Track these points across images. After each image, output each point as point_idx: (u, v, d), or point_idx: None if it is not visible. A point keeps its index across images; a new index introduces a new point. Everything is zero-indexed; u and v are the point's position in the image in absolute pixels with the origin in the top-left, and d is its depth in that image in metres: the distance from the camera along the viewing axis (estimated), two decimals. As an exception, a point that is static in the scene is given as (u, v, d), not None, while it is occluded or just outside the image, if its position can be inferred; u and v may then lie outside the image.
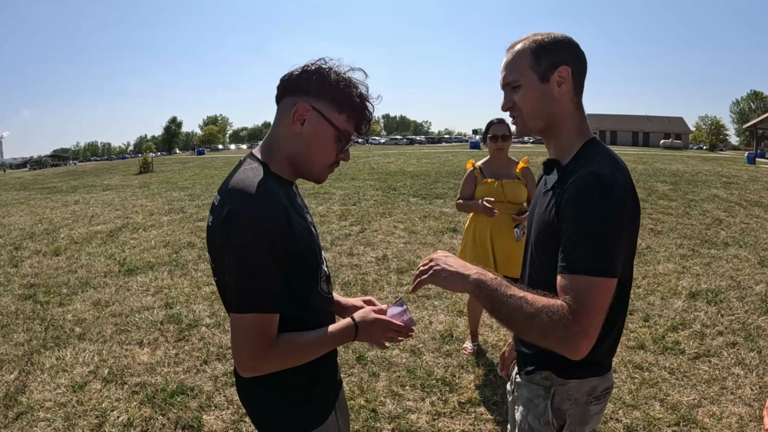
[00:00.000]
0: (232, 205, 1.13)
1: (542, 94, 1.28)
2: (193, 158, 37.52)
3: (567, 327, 1.06)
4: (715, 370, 3.47)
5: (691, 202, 10.13)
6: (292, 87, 1.25)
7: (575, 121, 1.32)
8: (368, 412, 3.06)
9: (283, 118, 1.26)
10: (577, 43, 1.33)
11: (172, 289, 5.40)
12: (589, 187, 1.13)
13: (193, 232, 8.28)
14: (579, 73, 1.30)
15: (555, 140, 1.34)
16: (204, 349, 3.93)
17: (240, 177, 1.19)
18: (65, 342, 4.16)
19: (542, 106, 1.29)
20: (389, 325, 1.33)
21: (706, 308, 4.57)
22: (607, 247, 1.10)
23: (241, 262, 1.10)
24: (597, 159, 1.22)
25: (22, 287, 5.71)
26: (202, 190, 13.71)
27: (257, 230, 1.10)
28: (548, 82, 1.27)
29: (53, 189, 17.58)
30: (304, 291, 1.26)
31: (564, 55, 1.28)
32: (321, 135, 1.25)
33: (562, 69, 1.27)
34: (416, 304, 4.74)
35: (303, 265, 1.23)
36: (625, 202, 1.14)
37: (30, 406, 3.21)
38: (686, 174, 15.78)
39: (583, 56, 1.32)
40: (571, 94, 1.30)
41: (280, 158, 1.27)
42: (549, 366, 1.32)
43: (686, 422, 2.89)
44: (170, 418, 3.04)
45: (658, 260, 6.12)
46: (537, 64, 1.27)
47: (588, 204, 1.12)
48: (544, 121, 1.32)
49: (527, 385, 1.39)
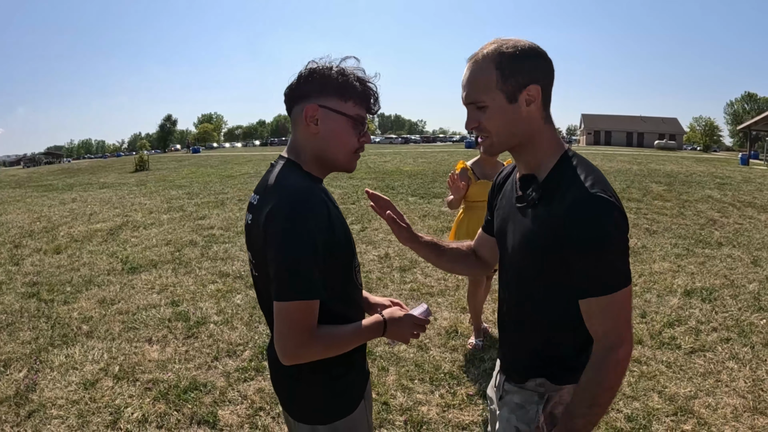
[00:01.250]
0: (275, 202, 1.22)
1: (511, 115, 1.23)
2: (188, 156, 37.40)
3: (617, 357, 1.17)
4: (710, 364, 3.60)
5: (685, 203, 10.28)
6: (295, 96, 1.34)
7: (547, 136, 1.28)
8: (380, 404, 3.15)
9: (298, 125, 1.35)
10: (544, 52, 1.25)
11: (177, 287, 5.46)
12: (596, 214, 1.14)
13: (195, 230, 8.33)
14: (547, 88, 1.25)
15: (526, 156, 1.30)
16: (214, 346, 4.00)
17: (278, 176, 1.29)
18: (73, 340, 4.21)
19: (511, 127, 1.24)
20: (414, 320, 1.44)
21: (701, 305, 4.70)
22: (625, 260, 1.17)
23: (286, 254, 1.19)
24: (582, 174, 1.20)
25: (25, 285, 5.75)
26: (200, 189, 13.74)
27: (300, 224, 1.19)
28: (517, 102, 1.22)
29: (49, 187, 17.54)
30: (341, 282, 1.35)
31: (533, 71, 1.21)
32: (336, 127, 1.33)
33: (531, 88, 1.21)
34: (419, 301, 4.83)
35: (340, 255, 1.32)
36: (624, 215, 1.17)
37: (42, 404, 3.24)
38: (680, 175, 15.95)
39: (551, 67, 1.26)
40: (541, 110, 1.25)
41: (308, 159, 1.36)
42: (544, 373, 1.33)
43: (683, 412, 3.01)
44: (185, 414, 3.10)
45: (653, 259, 6.25)
46: (504, 83, 1.20)
47: (601, 230, 1.13)
48: (514, 142, 1.27)
49: (519, 392, 1.38)
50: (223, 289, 5.34)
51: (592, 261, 1.15)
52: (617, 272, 1.15)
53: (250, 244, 1.35)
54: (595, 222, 1.13)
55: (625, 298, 1.16)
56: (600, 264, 1.14)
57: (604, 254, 1.14)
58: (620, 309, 1.17)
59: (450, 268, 1.76)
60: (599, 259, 1.14)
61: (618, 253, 1.15)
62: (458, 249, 1.70)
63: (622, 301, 1.16)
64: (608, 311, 1.16)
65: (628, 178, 14.68)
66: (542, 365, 1.33)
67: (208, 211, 10.02)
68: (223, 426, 2.99)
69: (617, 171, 16.78)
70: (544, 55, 1.24)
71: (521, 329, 1.38)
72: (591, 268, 1.15)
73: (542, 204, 1.24)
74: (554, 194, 1.21)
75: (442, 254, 1.67)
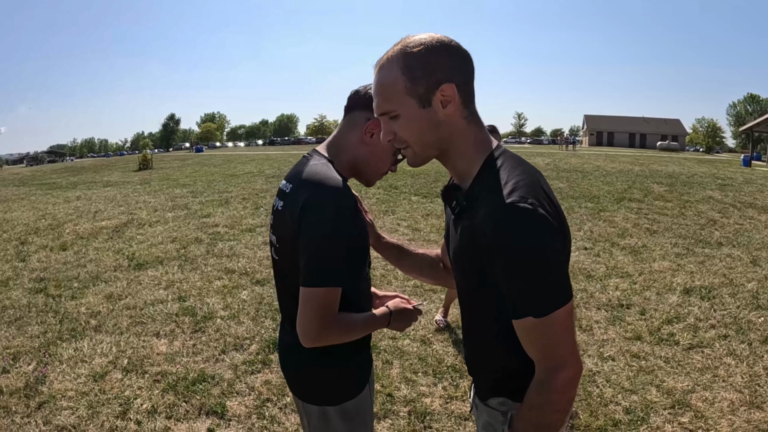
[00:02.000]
0: (313, 195, 1.30)
1: (427, 121, 1.11)
2: (191, 155, 37.54)
3: (557, 382, 1.05)
4: (708, 359, 3.66)
5: (686, 203, 10.34)
6: (365, 103, 1.42)
7: (470, 137, 1.15)
8: (384, 396, 3.23)
9: (353, 128, 1.45)
10: (457, 45, 1.12)
11: (184, 283, 5.54)
12: (507, 225, 1.01)
13: (199, 228, 8.42)
14: (466, 83, 1.12)
15: (452, 163, 1.18)
16: (221, 340, 4.08)
17: (314, 170, 1.36)
18: (81, 334, 4.28)
19: (430, 134, 1.13)
20: (414, 313, 1.57)
21: (700, 303, 4.76)
22: (555, 276, 1.02)
23: (321, 245, 1.27)
24: (503, 178, 1.07)
25: (32, 281, 5.83)
26: (204, 188, 13.82)
27: (337, 218, 1.28)
28: (431, 106, 1.09)
29: (53, 185, 17.65)
30: (356, 273, 1.43)
31: (444, 68, 1.08)
32: (384, 148, 1.44)
33: (444, 88, 1.08)
34: (423, 297, 4.92)
35: (360, 248, 1.41)
36: (549, 223, 1.02)
37: (52, 396, 3.31)
38: (682, 176, 16.00)
39: (467, 59, 1.12)
40: (461, 109, 1.12)
41: (344, 160, 1.45)
42: (503, 392, 1.23)
43: (681, 406, 3.08)
44: (194, 405, 3.18)
45: (653, 258, 6.32)
46: (413, 86, 1.08)
47: (515, 245, 1.00)
48: (436, 149, 1.16)
49: (485, 410, 1.29)
50: (229, 285, 5.42)
51: (513, 279, 1.02)
52: (546, 291, 1.01)
53: (276, 229, 1.44)
54: (508, 235, 1.00)
55: (560, 320, 1.01)
56: (523, 282, 1.02)
57: (524, 271, 1.01)
58: (555, 332, 1.03)
59: (413, 274, 1.70)
60: (521, 278, 1.01)
61: (542, 269, 1.01)
62: (425, 256, 1.65)
63: (557, 323, 1.02)
64: (542, 335, 1.04)
65: (629, 178, 14.73)
66: (501, 384, 1.23)
67: (212, 210, 10.10)
68: (232, 416, 3.07)
69: (619, 171, 16.84)
70: (457, 48, 1.11)
71: (476, 348, 1.31)
72: (513, 287, 1.03)
73: (467, 216, 1.13)
74: (476, 204, 1.10)
75: (404, 259, 1.66)
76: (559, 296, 1.02)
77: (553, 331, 1.03)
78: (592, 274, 5.63)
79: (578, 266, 5.92)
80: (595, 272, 5.71)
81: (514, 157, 1.15)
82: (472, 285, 1.18)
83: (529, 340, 1.07)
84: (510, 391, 1.20)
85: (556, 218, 1.05)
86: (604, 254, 6.49)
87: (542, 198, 1.04)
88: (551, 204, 1.07)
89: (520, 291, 1.02)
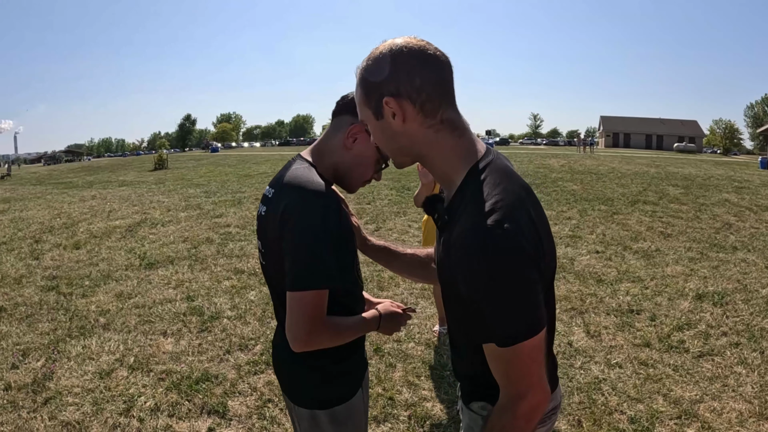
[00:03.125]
0: (293, 198, 1.29)
1: (382, 131, 1.11)
2: (206, 155, 37.86)
3: (519, 411, 1.01)
4: (718, 368, 3.59)
5: (701, 206, 10.18)
6: (352, 108, 1.39)
7: (444, 146, 1.09)
8: (386, 399, 3.22)
9: (337, 132, 1.44)
10: (418, 50, 1.05)
11: (193, 283, 5.59)
12: (478, 249, 0.95)
13: (211, 228, 8.48)
14: (420, 91, 1.04)
15: (433, 171, 1.15)
16: (226, 340, 4.10)
17: (296, 174, 1.36)
18: (90, 332, 4.34)
19: (392, 143, 1.13)
20: (404, 317, 1.57)
21: (712, 309, 4.68)
22: (525, 306, 0.98)
23: (303, 247, 1.27)
24: (482, 195, 1.01)
25: (45, 279, 5.93)
26: (218, 188, 13.93)
27: (318, 219, 1.27)
28: (383, 117, 1.08)
29: (69, 184, 17.91)
30: (344, 275, 1.41)
31: (386, 80, 1.05)
32: (366, 155, 1.43)
33: (388, 100, 1.05)
34: (430, 300, 4.89)
35: (346, 250, 1.40)
36: (524, 251, 0.96)
37: (58, 392, 3.37)
38: (698, 178, 15.77)
39: (429, 65, 1.05)
40: (420, 120, 1.06)
41: (327, 164, 1.44)
42: (483, 397, 1.21)
43: (687, 416, 3.01)
44: (196, 404, 3.20)
45: (666, 262, 6.22)
46: (368, 98, 1.09)
47: (482, 271, 0.95)
48: (407, 156, 1.15)
49: (468, 413, 1.27)
50: (238, 285, 5.44)
51: (479, 305, 0.98)
52: (511, 321, 0.97)
53: (261, 234, 1.43)
54: (477, 259, 0.95)
55: (525, 352, 0.97)
56: (489, 309, 0.97)
57: (491, 298, 0.96)
58: (520, 362, 0.99)
59: (404, 274, 1.69)
60: (487, 304, 0.97)
61: (510, 298, 0.96)
62: (414, 256, 1.62)
63: (522, 354, 0.98)
64: (506, 363, 1.00)
65: (645, 180, 14.55)
66: (481, 389, 1.21)
67: (225, 210, 10.17)
68: (233, 416, 3.08)
69: (635, 174, 16.63)
70: (412, 55, 1.04)
71: (458, 352, 1.28)
72: (479, 313, 0.99)
73: (447, 230, 1.09)
74: (453, 219, 1.07)
75: (393, 260, 1.65)
76: (526, 328, 0.97)
77: (517, 362, 0.99)
78: (603, 279, 5.56)
79: (589, 270, 5.86)
80: (606, 276, 5.64)
81: (499, 170, 1.07)
82: (451, 296, 1.14)
83: (493, 366, 1.04)
84: (490, 396, 1.16)
85: (535, 244, 1.00)
86: (616, 258, 6.41)
87: (523, 221, 0.99)
88: (532, 227, 1.01)
89: (486, 317, 0.98)
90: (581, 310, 4.66)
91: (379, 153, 1.44)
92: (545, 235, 1.06)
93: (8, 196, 15.25)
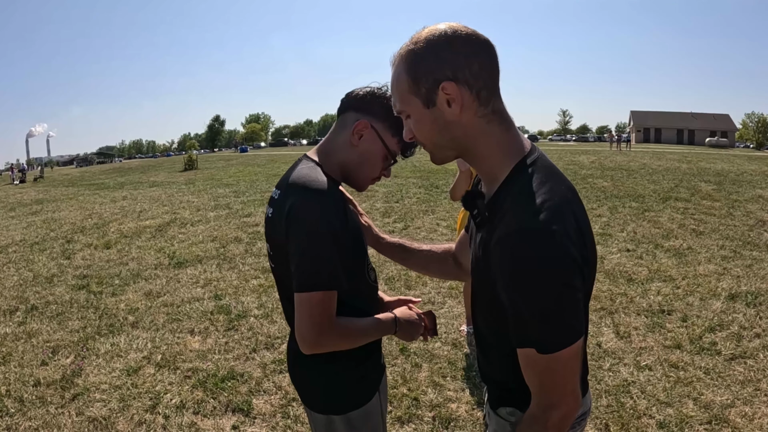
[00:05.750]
0: (297, 198, 1.27)
1: (433, 121, 1.03)
2: (236, 156, 38.36)
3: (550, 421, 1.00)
4: (751, 371, 3.47)
5: (734, 203, 9.88)
6: (357, 104, 1.40)
7: (493, 139, 1.04)
8: (410, 400, 3.20)
9: (342, 130, 1.41)
10: (468, 36, 0.99)
11: (221, 282, 5.66)
12: (523, 251, 0.92)
13: (240, 227, 8.59)
14: (477, 78, 0.99)
15: (476, 165, 1.10)
16: (253, 338, 4.14)
17: (300, 174, 1.34)
18: (119, 329, 4.44)
19: (440, 135, 1.05)
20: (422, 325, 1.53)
21: (745, 310, 4.53)
22: (568, 312, 0.95)
23: (307, 248, 1.25)
24: (529, 193, 0.97)
25: (75, 278, 6.09)
26: (247, 187, 14.10)
27: (321, 219, 1.25)
28: (435, 105, 1.01)
29: (101, 185, 18.37)
30: (354, 274, 1.39)
31: (445, 64, 0.98)
32: (373, 151, 1.40)
33: (446, 86, 0.98)
34: (457, 299, 4.86)
35: (354, 251, 1.37)
36: (570, 256, 0.92)
37: (86, 388, 3.45)
38: (731, 173, 15.34)
39: (481, 51, 1.00)
40: (475, 108, 1.01)
41: (333, 162, 1.41)
42: (512, 402, 1.18)
43: (718, 421, 2.92)
44: (221, 401, 3.24)
45: (698, 261, 6.06)
46: (416, 86, 1.01)
47: (528, 275, 0.92)
48: (453, 150, 1.08)
49: (495, 418, 1.24)
50: (265, 284, 5.49)
51: (520, 309, 0.95)
52: (554, 328, 0.94)
53: (269, 236, 1.41)
54: (522, 261, 0.92)
55: (563, 360, 0.95)
56: (529, 314, 0.94)
57: (533, 302, 0.93)
58: (557, 370, 0.97)
59: (420, 270, 1.69)
60: (529, 309, 0.94)
61: (554, 305, 0.93)
62: (431, 252, 1.60)
63: (560, 362, 0.95)
64: (543, 370, 0.98)
65: (676, 177, 14.22)
66: (510, 394, 1.18)
67: (253, 209, 10.29)
68: (257, 414, 3.11)
69: (666, 170, 16.27)
70: (467, 40, 0.99)
71: (487, 356, 1.24)
72: (519, 317, 0.96)
73: (486, 227, 1.05)
74: (496, 217, 1.02)
75: (409, 256, 1.62)
76: (567, 335, 0.95)
77: (555, 369, 0.96)
78: (634, 278, 5.44)
79: (619, 269, 5.74)
80: (637, 275, 5.52)
81: (546, 169, 1.03)
82: (485, 297, 1.10)
83: (528, 372, 1.01)
84: (520, 401, 1.13)
85: (580, 248, 0.96)
86: (647, 256, 6.27)
87: (569, 224, 0.95)
88: (578, 231, 0.97)
89: (527, 322, 0.95)
90: (611, 310, 4.56)
91: (387, 149, 1.40)
92: (590, 242, 1.02)
93: (41, 197, 15.74)
